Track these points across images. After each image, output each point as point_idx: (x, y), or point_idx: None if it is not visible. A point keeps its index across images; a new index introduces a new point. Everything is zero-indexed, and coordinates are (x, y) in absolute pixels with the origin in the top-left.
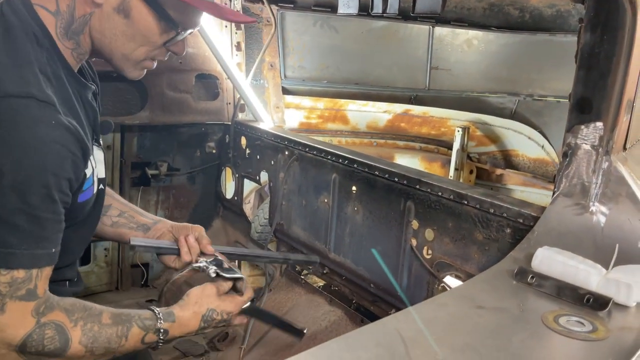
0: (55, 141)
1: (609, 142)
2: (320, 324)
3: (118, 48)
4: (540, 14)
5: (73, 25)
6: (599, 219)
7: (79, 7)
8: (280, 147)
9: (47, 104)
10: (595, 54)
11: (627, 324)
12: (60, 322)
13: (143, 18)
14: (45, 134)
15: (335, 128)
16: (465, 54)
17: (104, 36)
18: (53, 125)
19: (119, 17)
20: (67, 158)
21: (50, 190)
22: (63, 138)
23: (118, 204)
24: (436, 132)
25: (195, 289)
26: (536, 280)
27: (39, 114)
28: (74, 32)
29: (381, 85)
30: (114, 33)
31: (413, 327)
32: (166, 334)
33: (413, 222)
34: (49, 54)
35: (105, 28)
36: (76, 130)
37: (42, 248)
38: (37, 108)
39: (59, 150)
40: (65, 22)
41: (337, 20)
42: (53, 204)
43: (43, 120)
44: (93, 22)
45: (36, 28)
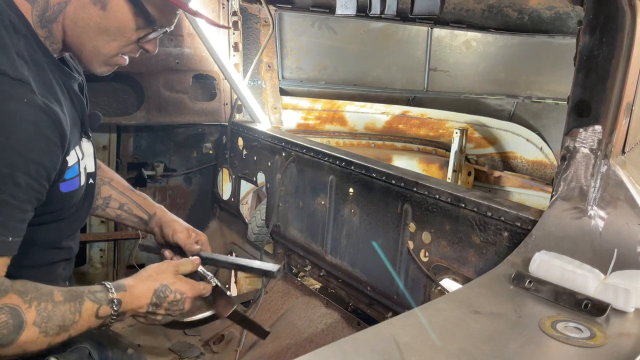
0: (25, 120)
1: (608, 146)
2: (317, 327)
3: (90, 40)
4: (539, 16)
5: (47, 13)
6: (597, 223)
7: None
8: (277, 149)
9: (20, 81)
10: (594, 57)
11: (626, 330)
12: (14, 305)
13: (120, 11)
14: (14, 111)
15: (333, 129)
16: (463, 55)
17: (77, 26)
18: (25, 103)
19: (95, 9)
20: (38, 140)
21: (13, 171)
22: (36, 117)
23: (116, 194)
24: (434, 133)
25: (153, 265)
26: (534, 285)
27: (11, 91)
28: (47, 20)
29: (379, 86)
30: (87, 24)
31: (409, 332)
32: (119, 304)
33: (410, 224)
34: (27, 40)
35: (79, 18)
36: (53, 112)
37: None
38: (9, 85)
39: (29, 129)
40: (40, 9)
41: (335, 21)
42: (15, 187)
43: (14, 97)
44: (68, 11)
45: (13, 16)
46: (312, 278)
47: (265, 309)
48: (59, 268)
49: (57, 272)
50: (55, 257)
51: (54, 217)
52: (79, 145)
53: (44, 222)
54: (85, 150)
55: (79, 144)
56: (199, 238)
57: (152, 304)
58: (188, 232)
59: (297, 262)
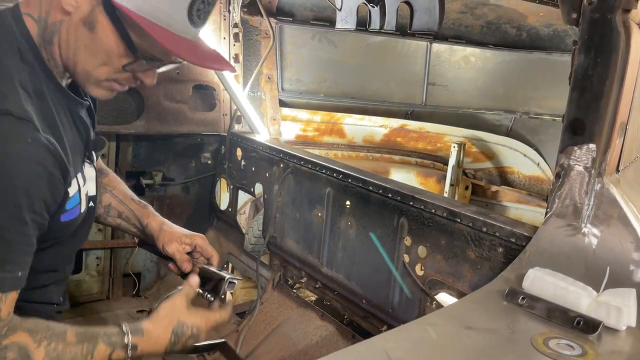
0: (30, 159)
1: (602, 164)
2: (312, 339)
3: (81, 62)
4: (537, 33)
5: (46, 32)
6: (591, 241)
7: (53, 13)
8: (276, 160)
9: (24, 120)
10: (588, 76)
11: (617, 347)
12: (23, 343)
13: (106, 35)
14: (20, 152)
15: (332, 141)
16: (462, 70)
17: (69, 47)
18: (29, 143)
19: (84, 30)
20: (42, 177)
21: (21, 210)
22: (40, 156)
23: (116, 202)
24: (432, 147)
25: (166, 301)
26: (527, 302)
27: (15, 131)
28: (46, 41)
29: (378, 99)
30: (77, 45)
31: (401, 347)
32: (135, 349)
33: (406, 238)
34: (32, 69)
35: (70, 39)
36: (55, 149)
37: (7, 271)
38: (14, 125)
39: (34, 168)
40: (41, 29)
41: (335, 34)
42: (22, 226)
43: (19, 138)
44: (62, 32)
45: (21, 41)
46: (307, 290)
47: (260, 320)
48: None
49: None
50: (50, 280)
51: (52, 242)
52: (81, 172)
53: (41, 247)
54: (87, 175)
55: (81, 171)
56: (195, 242)
57: (170, 344)
58: (180, 241)
59: (293, 273)
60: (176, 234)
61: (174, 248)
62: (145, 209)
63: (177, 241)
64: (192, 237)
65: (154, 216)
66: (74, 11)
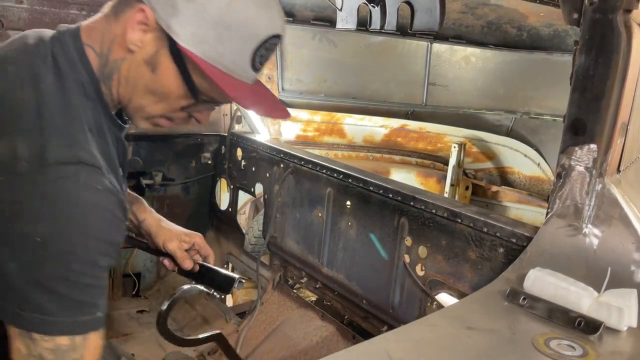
0: (101, 206)
1: (603, 165)
2: (312, 339)
3: (137, 98)
4: (538, 33)
5: (107, 68)
6: (592, 241)
7: (115, 50)
8: (276, 160)
9: (95, 168)
10: (589, 77)
11: (618, 348)
12: None
13: (168, 77)
14: (91, 200)
15: (332, 141)
16: (462, 70)
17: (128, 83)
18: (99, 190)
19: (146, 70)
20: (113, 222)
21: (95, 257)
22: (109, 202)
23: None
24: (432, 147)
25: None
26: (528, 302)
27: (87, 180)
28: (107, 76)
29: (378, 99)
30: (137, 82)
31: (402, 347)
32: None
33: (407, 238)
34: (94, 104)
35: (131, 76)
36: (117, 191)
37: (86, 314)
38: (86, 174)
39: (104, 215)
40: (102, 64)
41: (336, 34)
42: (98, 270)
43: (90, 186)
44: (122, 68)
45: (84, 76)
46: (308, 290)
47: (260, 320)
48: None
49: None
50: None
51: None
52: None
53: None
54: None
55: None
56: (194, 240)
57: None
58: (180, 239)
59: (294, 273)
60: (175, 231)
61: (175, 245)
62: (140, 205)
63: (177, 239)
64: (191, 235)
65: (150, 212)
66: (137, 50)
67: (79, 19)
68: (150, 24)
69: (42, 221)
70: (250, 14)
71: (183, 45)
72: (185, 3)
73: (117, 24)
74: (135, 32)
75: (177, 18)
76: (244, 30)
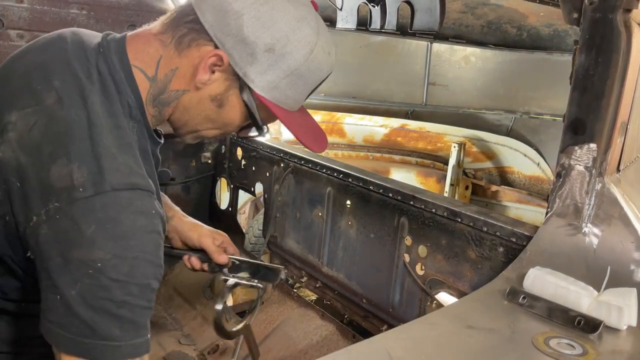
0: (153, 230)
1: (603, 164)
2: (312, 339)
3: (195, 125)
4: (538, 33)
5: (163, 95)
6: (592, 241)
7: (176, 81)
8: (276, 159)
9: (148, 192)
10: (589, 76)
11: (618, 347)
12: None
13: (234, 112)
14: (146, 225)
15: (332, 141)
16: (462, 70)
17: (187, 113)
18: (152, 214)
19: (211, 104)
20: (161, 245)
21: (149, 279)
22: (159, 226)
23: None
24: (432, 147)
25: None
26: (527, 301)
27: (142, 205)
28: (161, 102)
29: (378, 99)
30: (198, 114)
31: (402, 346)
32: None
33: (406, 238)
34: (139, 126)
35: (192, 107)
36: (163, 214)
37: (141, 336)
38: (140, 199)
39: (156, 238)
40: (157, 90)
41: (336, 34)
42: (151, 293)
43: (144, 211)
44: (183, 99)
45: (131, 97)
46: (308, 289)
47: (260, 319)
48: None
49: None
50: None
51: None
52: None
53: None
54: None
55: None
56: (223, 239)
57: None
58: (212, 236)
59: (293, 273)
60: (206, 227)
61: (210, 241)
62: (166, 201)
63: (210, 235)
64: (219, 233)
65: (176, 209)
66: (204, 87)
67: (79, 18)
68: (223, 67)
69: (101, 248)
70: (322, 63)
71: (257, 91)
72: (264, 53)
73: (180, 57)
74: (207, 74)
75: (254, 67)
76: (314, 77)
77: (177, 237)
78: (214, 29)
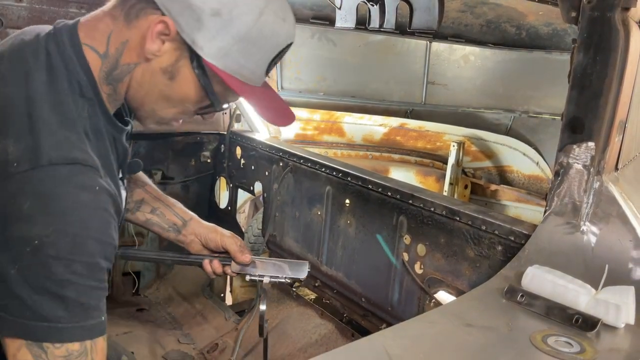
0: (98, 207)
1: (601, 162)
2: (311, 337)
3: (150, 103)
4: (537, 32)
5: (116, 71)
6: (590, 239)
7: (127, 54)
8: (275, 158)
9: (91, 167)
10: (587, 75)
11: (616, 345)
12: None
13: (186, 85)
14: (89, 201)
15: (331, 140)
16: (461, 69)
17: (141, 88)
18: (97, 190)
19: (163, 77)
20: (110, 223)
21: (95, 258)
22: (106, 203)
23: (149, 198)
24: (431, 146)
25: None
26: (526, 299)
27: (83, 180)
28: (114, 79)
29: (377, 98)
30: (151, 89)
31: (400, 344)
32: None
33: (405, 236)
34: (91, 104)
35: (145, 82)
36: (114, 192)
37: (92, 318)
38: (81, 174)
39: (102, 215)
40: (109, 66)
41: (335, 33)
42: (99, 272)
43: (86, 187)
44: (136, 73)
45: (81, 75)
46: (307, 288)
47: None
48: None
49: None
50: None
51: None
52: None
53: None
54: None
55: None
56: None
57: None
58: (234, 239)
59: None
60: (226, 231)
61: (232, 242)
62: (182, 207)
63: (231, 237)
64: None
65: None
66: (154, 59)
67: (78, 17)
68: (171, 35)
69: (39, 223)
70: (275, 28)
71: (207, 59)
72: (211, 17)
73: (129, 29)
74: (155, 43)
75: (202, 32)
76: (268, 44)
77: (197, 240)
78: None
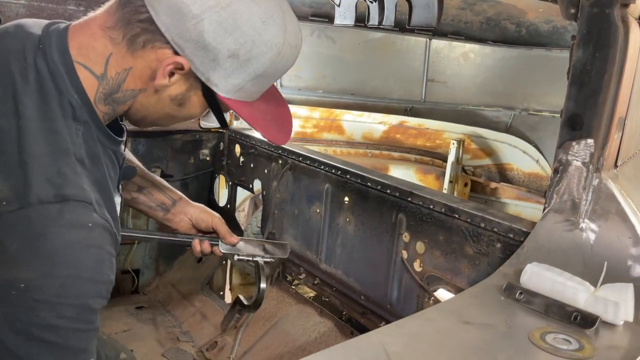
0: (91, 245)
1: (600, 159)
2: (310, 335)
3: (153, 120)
4: (537, 29)
5: (116, 95)
6: (589, 236)
7: (131, 80)
8: (274, 156)
9: (83, 203)
10: (587, 71)
11: (614, 342)
12: None
13: (194, 108)
14: (81, 239)
15: (331, 138)
16: (461, 67)
17: (145, 109)
18: (89, 227)
19: (171, 103)
20: (104, 260)
21: (86, 299)
22: (100, 239)
23: (137, 177)
24: (431, 144)
25: None
26: (524, 297)
27: (75, 218)
28: (115, 101)
29: (377, 96)
30: (157, 110)
31: (398, 341)
32: None
33: (404, 234)
34: (86, 128)
35: (150, 105)
36: (110, 225)
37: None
38: (73, 211)
39: (95, 253)
40: (108, 89)
41: (334, 30)
42: (90, 314)
43: (78, 224)
44: (140, 99)
45: (74, 96)
46: (306, 286)
47: (258, 316)
48: None
49: None
50: None
51: None
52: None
53: None
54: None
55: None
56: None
57: None
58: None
59: (292, 269)
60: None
61: (222, 223)
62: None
63: (221, 218)
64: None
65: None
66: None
67: (76, 14)
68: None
69: (27, 266)
70: (289, 60)
71: (221, 94)
72: (227, 59)
73: (134, 57)
74: (165, 78)
75: (217, 72)
76: (280, 73)
77: (186, 219)
78: (171, 33)
